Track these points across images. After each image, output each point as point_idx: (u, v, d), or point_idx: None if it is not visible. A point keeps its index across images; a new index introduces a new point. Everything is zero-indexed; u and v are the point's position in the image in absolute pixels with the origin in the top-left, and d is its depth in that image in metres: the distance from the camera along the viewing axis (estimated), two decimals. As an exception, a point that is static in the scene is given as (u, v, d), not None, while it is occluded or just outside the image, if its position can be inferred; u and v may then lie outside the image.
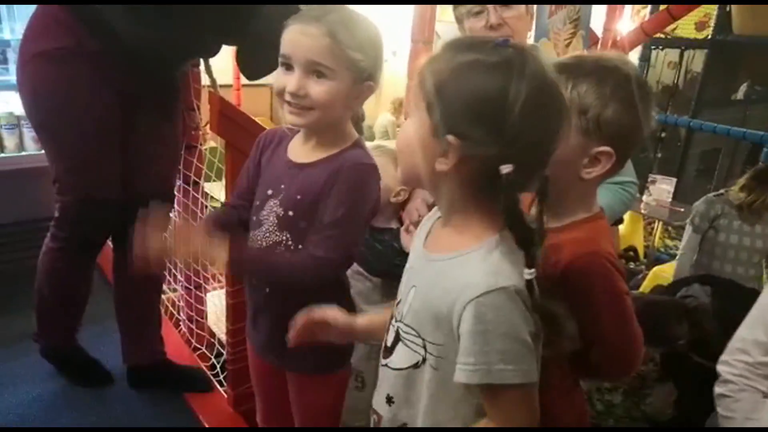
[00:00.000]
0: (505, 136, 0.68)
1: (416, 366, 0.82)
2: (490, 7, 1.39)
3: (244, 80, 5.01)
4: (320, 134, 1.14)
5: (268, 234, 1.16)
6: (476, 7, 1.41)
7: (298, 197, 1.13)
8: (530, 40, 2.78)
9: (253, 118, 1.56)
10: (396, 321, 0.87)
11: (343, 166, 1.10)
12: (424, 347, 0.81)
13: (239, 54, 1.75)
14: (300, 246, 1.13)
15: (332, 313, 1.01)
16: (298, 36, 1.04)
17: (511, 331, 0.72)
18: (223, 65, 4.60)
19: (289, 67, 1.07)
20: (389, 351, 0.88)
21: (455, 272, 0.76)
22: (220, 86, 1.90)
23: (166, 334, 2.07)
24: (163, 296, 2.47)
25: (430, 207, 1.49)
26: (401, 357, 0.85)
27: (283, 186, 1.15)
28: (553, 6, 2.53)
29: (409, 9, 1.55)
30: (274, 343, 1.20)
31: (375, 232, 1.52)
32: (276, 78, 1.09)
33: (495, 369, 0.72)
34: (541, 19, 2.51)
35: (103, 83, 1.59)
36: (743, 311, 1.76)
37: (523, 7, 1.43)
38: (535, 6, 1.56)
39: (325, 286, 1.14)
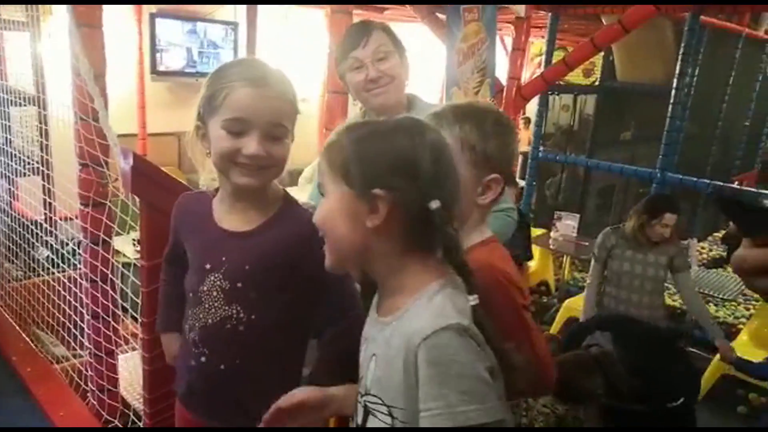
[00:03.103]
0: (424, 177, 0.77)
1: None
2: (368, 61, 1.48)
3: (150, 129, 4.87)
4: (250, 196, 1.11)
5: (213, 310, 1.11)
6: (356, 63, 1.50)
7: (247, 267, 1.09)
8: (437, 91, 2.91)
9: (168, 173, 1.50)
10: (362, 396, 0.84)
11: (299, 233, 1.07)
12: (390, 414, 0.78)
13: None
14: (253, 317, 1.10)
15: (301, 394, 0.94)
16: (256, 101, 1.03)
17: (466, 370, 0.71)
18: (127, 114, 4.46)
19: (241, 131, 1.03)
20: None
21: (404, 326, 0.77)
22: (125, 135, 1.81)
23: (72, 407, 1.88)
24: (65, 363, 2.26)
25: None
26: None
27: (224, 258, 1.10)
28: (461, 56, 2.66)
29: (321, 57, 1.56)
30: (239, 412, 1.14)
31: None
32: (222, 142, 1.04)
33: (458, 411, 0.70)
34: (451, 69, 2.64)
35: None
36: (642, 352, 1.88)
37: (397, 59, 1.52)
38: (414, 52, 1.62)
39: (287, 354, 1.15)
